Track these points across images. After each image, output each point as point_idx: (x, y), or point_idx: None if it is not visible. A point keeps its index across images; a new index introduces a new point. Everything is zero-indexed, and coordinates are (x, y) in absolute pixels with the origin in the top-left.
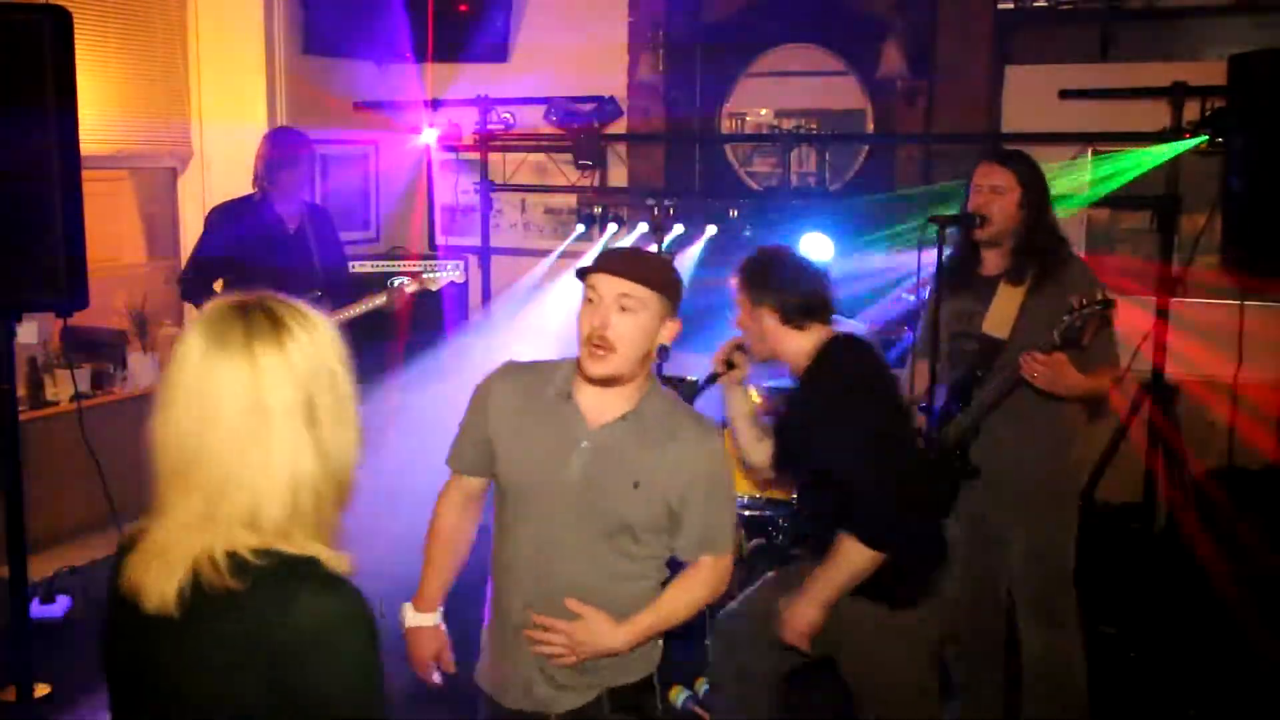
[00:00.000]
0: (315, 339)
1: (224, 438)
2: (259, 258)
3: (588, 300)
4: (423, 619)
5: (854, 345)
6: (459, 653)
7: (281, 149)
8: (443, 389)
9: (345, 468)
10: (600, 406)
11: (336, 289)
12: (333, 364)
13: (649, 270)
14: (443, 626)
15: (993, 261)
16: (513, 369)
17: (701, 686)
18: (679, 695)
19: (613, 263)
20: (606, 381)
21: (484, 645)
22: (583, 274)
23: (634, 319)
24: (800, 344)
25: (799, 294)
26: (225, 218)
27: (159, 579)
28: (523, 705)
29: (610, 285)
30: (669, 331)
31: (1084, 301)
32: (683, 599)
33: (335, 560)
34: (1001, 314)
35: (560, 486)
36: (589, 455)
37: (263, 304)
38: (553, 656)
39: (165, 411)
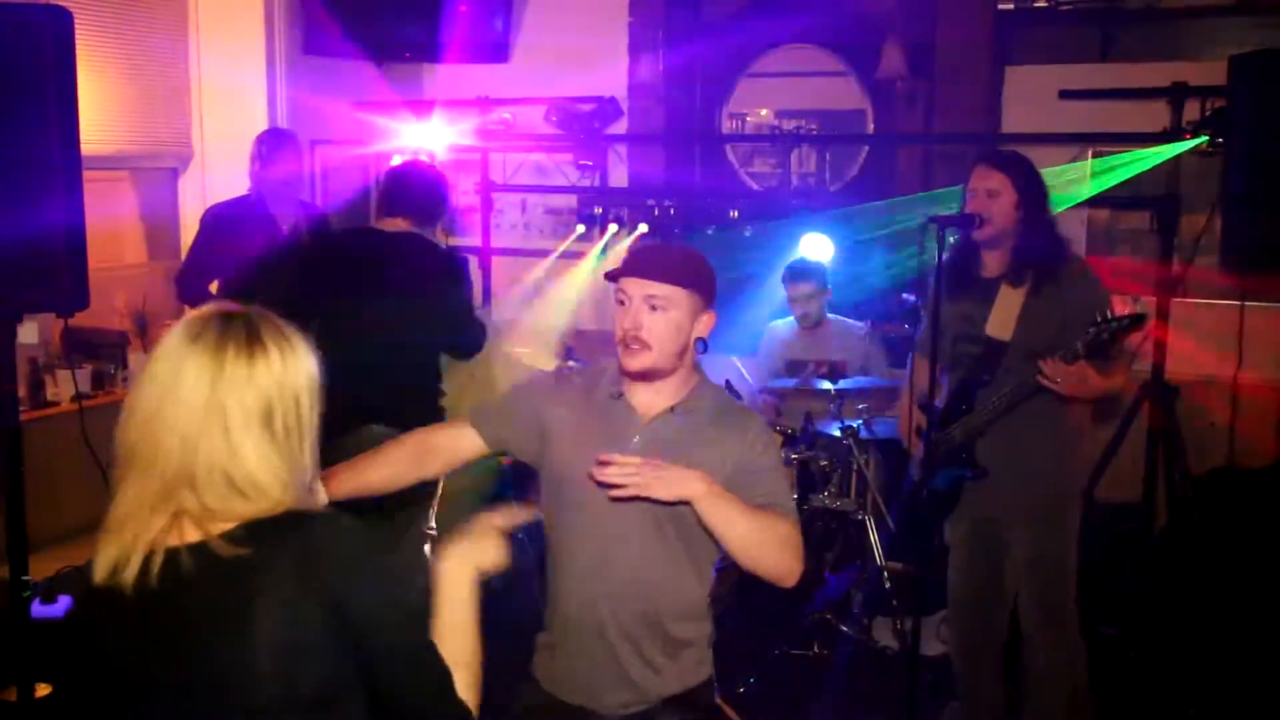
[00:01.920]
0: (288, 362)
1: (179, 427)
2: (253, 258)
3: (619, 303)
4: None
5: None
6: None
7: (271, 149)
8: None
9: (301, 472)
10: (650, 401)
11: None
12: (299, 389)
13: (675, 269)
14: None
15: (994, 263)
16: (564, 376)
17: None
18: None
19: (639, 265)
20: (645, 375)
21: (543, 643)
22: (612, 277)
23: (665, 316)
24: None
25: None
26: (220, 219)
27: (128, 553)
28: (582, 702)
29: (638, 287)
30: (704, 324)
31: (1110, 315)
32: (774, 526)
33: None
34: (1003, 316)
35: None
36: (641, 447)
37: (248, 318)
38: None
39: (134, 397)
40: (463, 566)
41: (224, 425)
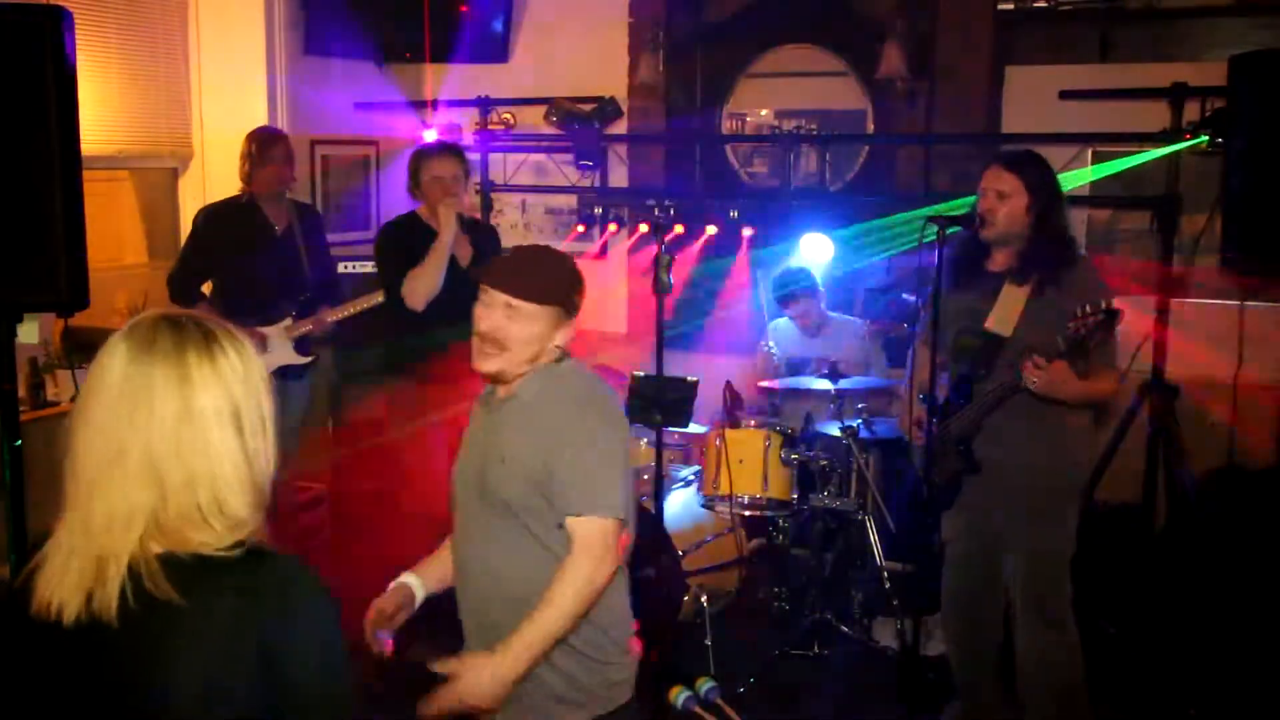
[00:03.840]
0: (244, 359)
1: (155, 440)
2: (245, 259)
3: (481, 303)
4: (405, 576)
5: None
6: None
7: (261, 149)
8: None
9: (265, 476)
10: (499, 397)
11: (323, 290)
12: (257, 384)
13: (533, 284)
14: (416, 595)
15: (1001, 258)
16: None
17: (702, 685)
18: (679, 695)
19: (497, 276)
20: (494, 378)
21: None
22: (479, 274)
23: (523, 326)
24: None
25: None
26: (213, 219)
27: (92, 579)
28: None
29: (497, 294)
30: (565, 334)
31: (1088, 309)
32: (563, 589)
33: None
34: (1005, 312)
35: (463, 475)
36: (481, 445)
37: (196, 320)
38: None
39: (86, 414)
40: None
41: (203, 431)
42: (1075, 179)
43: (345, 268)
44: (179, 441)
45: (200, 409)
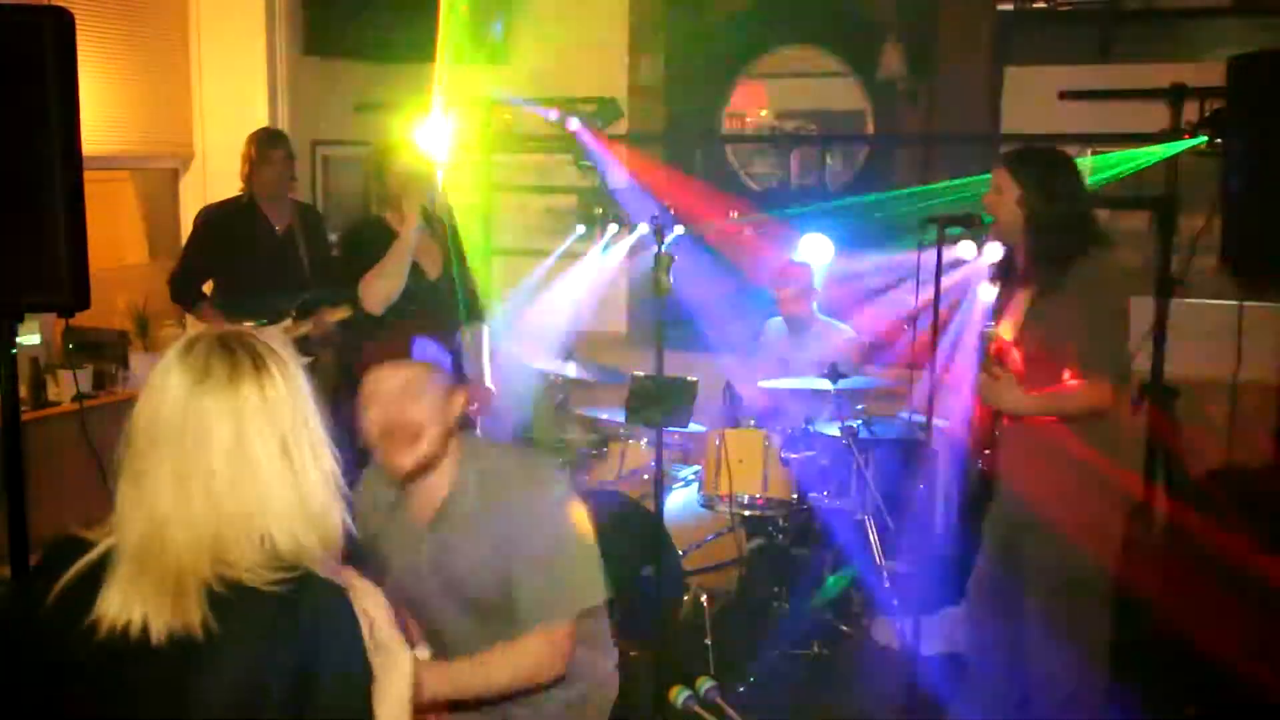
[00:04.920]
0: (289, 385)
1: (216, 469)
2: (246, 259)
3: (367, 404)
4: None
5: None
6: None
7: (262, 149)
8: None
9: (322, 504)
10: (428, 500)
11: (324, 291)
12: (305, 410)
13: (415, 352)
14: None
15: (1020, 261)
16: (369, 473)
17: (702, 685)
18: (679, 695)
19: (378, 355)
20: (420, 470)
21: None
22: (359, 373)
23: (423, 400)
24: None
25: None
26: (213, 220)
27: (171, 598)
28: None
29: (388, 378)
30: (458, 404)
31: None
32: (505, 660)
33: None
34: (1012, 317)
35: (417, 581)
36: (430, 558)
37: (245, 342)
38: None
39: (151, 426)
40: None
41: (253, 462)
42: None
43: None
44: (232, 472)
45: (249, 441)
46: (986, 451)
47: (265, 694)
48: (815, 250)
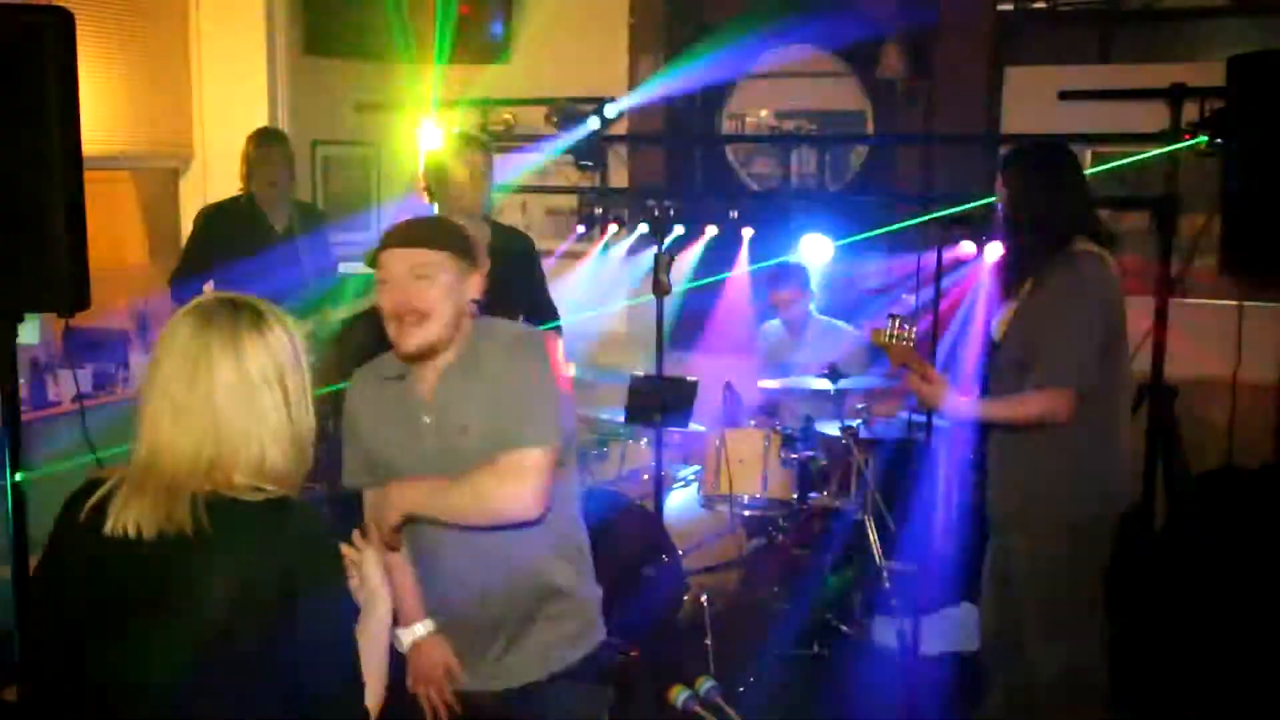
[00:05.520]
0: (289, 336)
1: (219, 398)
2: (246, 259)
3: (382, 282)
4: (417, 630)
5: None
6: None
7: (256, 148)
8: None
9: (306, 436)
10: (429, 376)
11: (324, 289)
12: (300, 358)
13: (432, 234)
14: (440, 635)
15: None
16: (359, 373)
17: (702, 685)
18: (679, 695)
19: (395, 238)
20: (423, 353)
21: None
22: (371, 259)
23: (434, 283)
24: None
25: None
26: (212, 219)
27: (163, 507)
28: (472, 685)
29: (400, 260)
30: (474, 286)
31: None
32: (464, 490)
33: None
34: (1006, 317)
35: (425, 466)
36: (434, 426)
37: (250, 302)
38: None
39: (156, 370)
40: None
41: (252, 393)
42: None
43: (346, 268)
44: (233, 401)
45: (250, 374)
46: (983, 449)
47: (251, 595)
48: (815, 250)
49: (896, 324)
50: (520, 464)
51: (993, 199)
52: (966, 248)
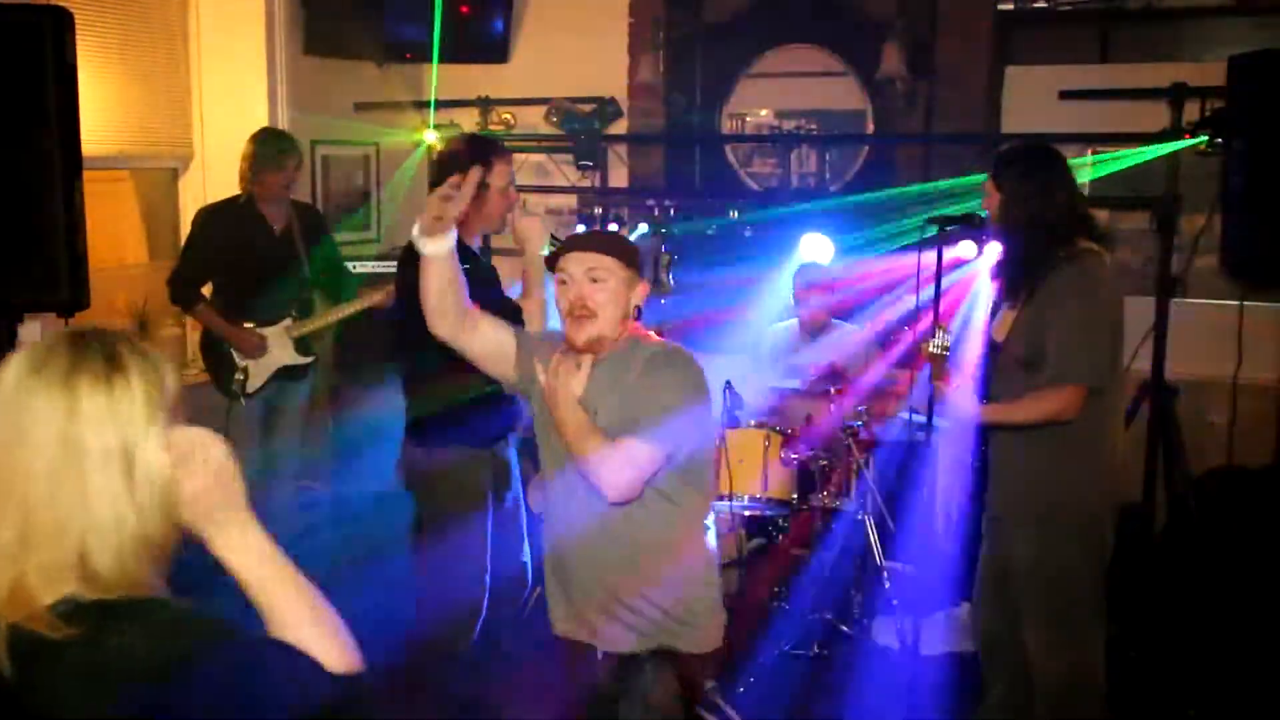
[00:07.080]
0: (149, 391)
1: (35, 473)
2: (245, 259)
3: (561, 282)
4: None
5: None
6: None
7: (267, 151)
8: None
9: (158, 532)
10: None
11: (327, 288)
12: (160, 416)
13: (607, 243)
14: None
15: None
16: (544, 338)
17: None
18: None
19: (576, 244)
20: (591, 346)
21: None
22: (552, 262)
23: (605, 286)
24: None
25: None
26: (212, 220)
27: None
28: (578, 635)
29: (578, 263)
30: (639, 293)
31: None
32: (612, 450)
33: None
34: (1006, 319)
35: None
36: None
37: (103, 339)
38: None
39: None
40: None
41: (82, 474)
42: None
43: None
44: (53, 483)
45: (80, 442)
46: (983, 449)
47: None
48: (815, 250)
49: (941, 335)
50: (632, 452)
51: None
52: (966, 248)
